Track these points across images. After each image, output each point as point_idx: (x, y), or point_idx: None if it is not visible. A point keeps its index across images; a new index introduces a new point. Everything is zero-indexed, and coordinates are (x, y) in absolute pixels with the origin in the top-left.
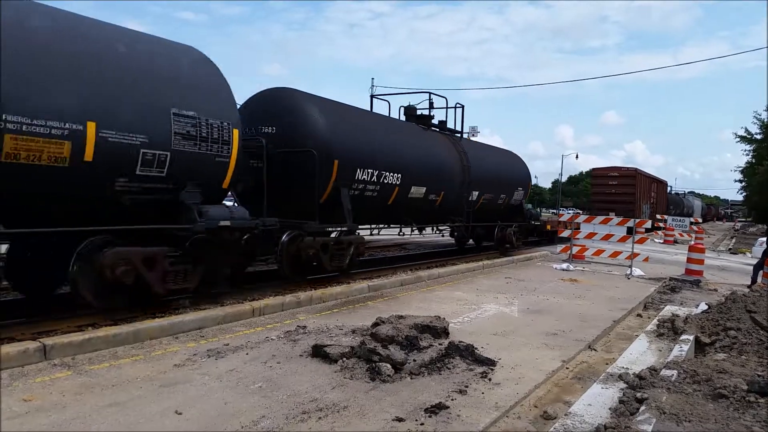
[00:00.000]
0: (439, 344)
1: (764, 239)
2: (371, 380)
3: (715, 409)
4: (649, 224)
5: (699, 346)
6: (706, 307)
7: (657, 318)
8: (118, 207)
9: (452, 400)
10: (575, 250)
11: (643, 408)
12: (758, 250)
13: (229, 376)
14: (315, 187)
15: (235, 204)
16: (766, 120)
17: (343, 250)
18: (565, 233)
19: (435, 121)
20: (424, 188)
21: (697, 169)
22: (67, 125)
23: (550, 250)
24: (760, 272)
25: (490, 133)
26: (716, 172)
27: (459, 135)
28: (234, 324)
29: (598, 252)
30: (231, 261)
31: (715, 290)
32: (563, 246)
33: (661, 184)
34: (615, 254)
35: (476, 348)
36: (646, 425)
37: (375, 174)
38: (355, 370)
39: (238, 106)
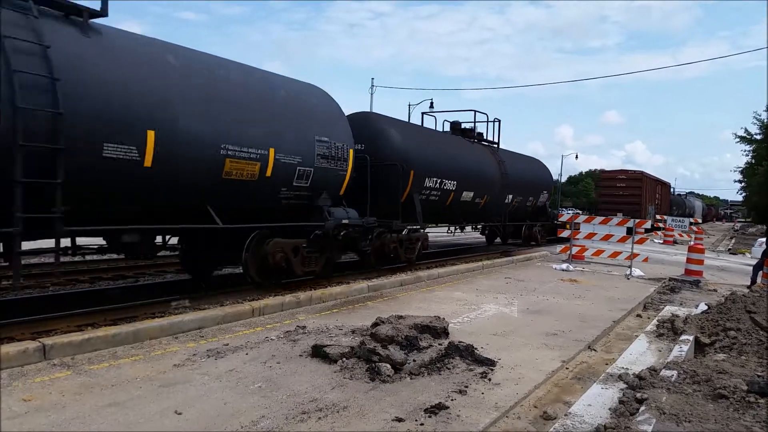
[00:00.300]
0: (439, 344)
1: (764, 240)
2: (371, 380)
3: (715, 410)
4: (648, 224)
5: (699, 347)
6: (705, 307)
7: (657, 318)
8: (278, 209)
9: (452, 400)
10: (575, 250)
11: (642, 408)
12: (758, 251)
13: (229, 376)
14: (398, 193)
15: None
16: (765, 120)
17: (413, 244)
18: (565, 233)
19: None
20: (472, 193)
21: (697, 169)
22: (258, 151)
23: (549, 251)
24: (760, 272)
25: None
26: (716, 172)
27: (496, 146)
28: (234, 324)
29: (598, 252)
30: (339, 251)
31: (715, 290)
32: (563, 246)
33: (665, 186)
34: (615, 254)
35: (476, 348)
36: (646, 425)
37: (438, 181)
38: (355, 370)
39: None
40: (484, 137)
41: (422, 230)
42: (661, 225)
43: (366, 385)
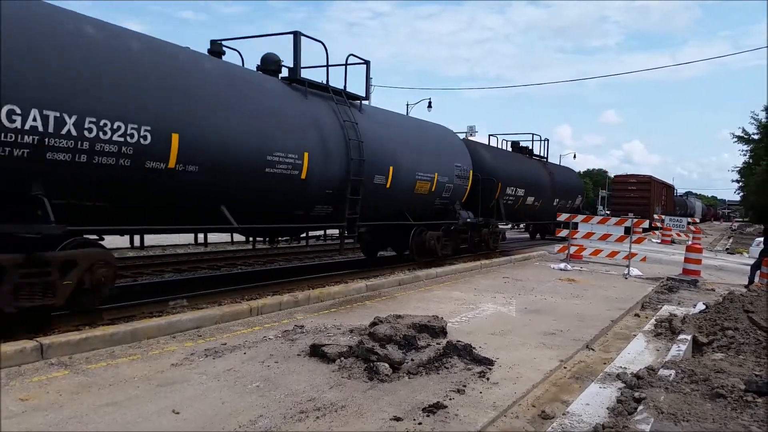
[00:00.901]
0: (437, 344)
1: (761, 239)
2: (369, 380)
3: (713, 409)
4: (646, 224)
5: (697, 346)
6: (703, 306)
7: (655, 318)
8: (431, 212)
9: (450, 399)
10: (573, 249)
11: (641, 407)
12: (755, 250)
13: (227, 375)
14: (491, 199)
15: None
16: (763, 120)
17: (497, 236)
18: (563, 233)
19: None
20: (533, 197)
21: (695, 169)
22: (430, 175)
23: (547, 250)
24: (758, 272)
25: (490, 132)
26: (714, 172)
27: (545, 159)
28: (231, 323)
29: (596, 252)
30: (461, 240)
31: (713, 290)
32: (561, 246)
33: (670, 188)
34: (613, 254)
35: (474, 347)
36: (644, 425)
37: (514, 190)
38: (353, 369)
39: None
40: (535, 153)
41: (502, 226)
42: (658, 225)
43: (364, 385)
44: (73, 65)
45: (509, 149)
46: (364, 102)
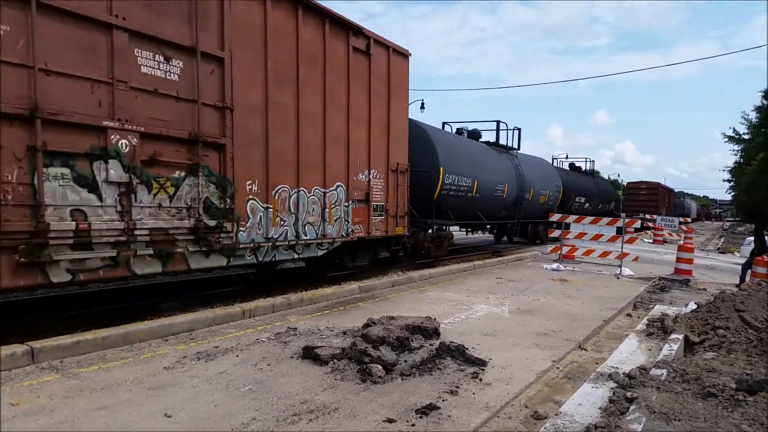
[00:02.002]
0: (430, 345)
1: (752, 238)
2: (362, 381)
3: (705, 408)
4: (638, 224)
5: (688, 345)
6: (695, 306)
7: (647, 317)
8: (539, 214)
9: (443, 400)
10: (565, 250)
11: (633, 407)
12: (746, 250)
13: (219, 378)
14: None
15: None
16: (753, 120)
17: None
18: (556, 233)
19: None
20: (586, 202)
21: (687, 169)
22: (547, 192)
23: (540, 251)
24: (749, 271)
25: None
26: (705, 171)
27: (594, 173)
28: (224, 326)
29: (588, 252)
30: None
31: (704, 289)
32: (553, 246)
33: (671, 191)
34: (605, 254)
35: (467, 348)
36: (636, 424)
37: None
38: (346, 371)
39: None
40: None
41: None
42: (650, 225)
43: (357, 386)
44: (452, 153)
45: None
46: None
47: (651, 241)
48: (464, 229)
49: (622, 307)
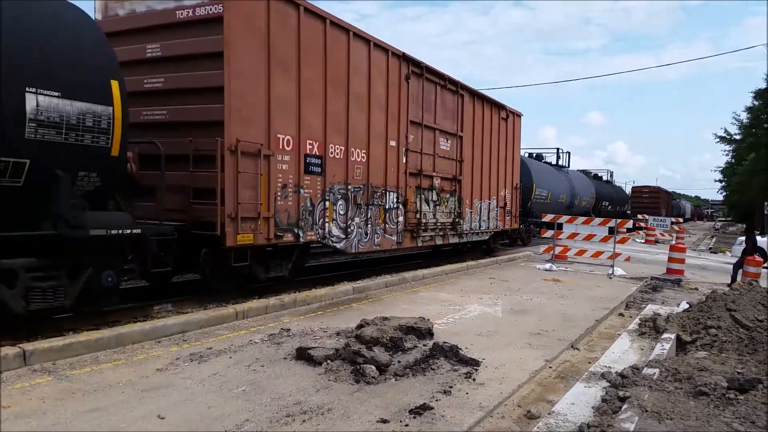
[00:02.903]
0: (424, 345)
1: (743, 238)
2: (356, 382)
3: (696, 407)
4: (630, 224)
5: (680, 345)
6: (687, 305)
7: (639, 317)
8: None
9: (437, 400)
10: (558, 250)
11: (625, 406)
12: (738, 249)
13: (212, 380)
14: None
15: None
16: (744, 121)
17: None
18: (548, 233)
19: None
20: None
21: (679, 169)
22: (586, 198)
23: (533, 251)
24: (740, 271)
25: None
26: (697, 172)
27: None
28: (217, 327)
29: (581, 252)
30: None
31: (696, 289)
32: (546, 246)
33: (669, 194)
34: (597, 254)
35: (460, 348)
36: (629, 423)
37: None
38: (340, 372)
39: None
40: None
41: None
42: (642, 225)
43: (351, 387)
44: (538, 174)
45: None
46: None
47: (643, 241)
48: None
49: (614, 307)
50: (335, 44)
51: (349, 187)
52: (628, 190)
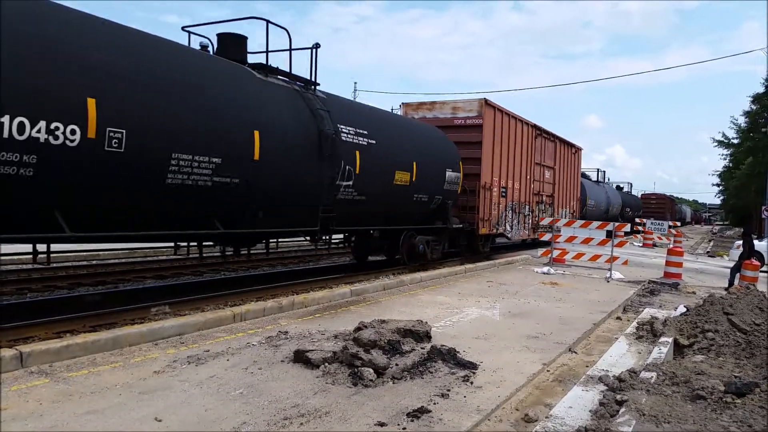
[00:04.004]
0: (422, 348)
1: (741, 242)
2: (353, 385)
3: (694, 410)
4: (628, 227)
5: (678, 348)
6: (684, 309)
7: (636, 321)
8: None
9: (434, 404)
10: (556, 253)
11: (623, 410)
12: (735, 253)
13: (210, 382)
14: None
15: None
16: (742, 125)
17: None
18: (546, 237)
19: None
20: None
21: (676, 173)
22: (615, 206)
23: (531, 254)
24: (737, 275)
25: None
26: (695, 175)
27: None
28: (215, 330)
29: (578, 255)
30: None
31: (694, 293)
32: (544, 249)
33: (673, 200)
34: (595, 257)
35: (458, 352)
36: (626, 427)
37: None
38: (338, 375)
39: None
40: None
41: None
42: (640, 228)
43: (348, 390)
44: (585, 188)
45: None
46: None
47: (641, 244)
48: None
49: (612, 311)
50: (511, 127)
51: (513, 203)
52: None
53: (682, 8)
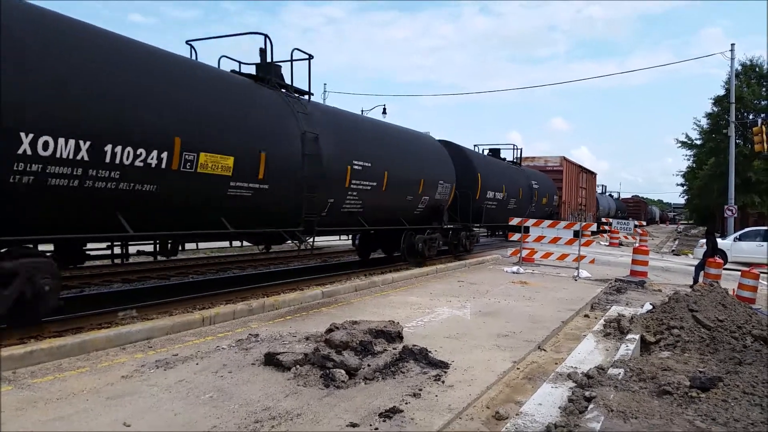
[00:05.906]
0: (394, 349)
1: (705, 240)
2: (325, 387)
3: (660, 406)
4: (594, 227)
5: (644, 345)
6: (650, 306)
7: (604, 318)
8: None
9: (406, 403)
10: (525, 253)
11: (591, 406)
12: (700, 251)
13: (179, 386)
14: None
15: None
16: (705, 126)
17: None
18: (515, 237)
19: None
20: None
21: (641, 174)
22: (607, 212)
23: (500, 254)
24: (701, 272)
25: (442, 137)
26: (659, 176)
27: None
28: (183, 334)
29: (547, 255)
30: None
31: (659, 290)
32: (513, 249)
33: (645, 203)
34: (563, 257)
35: (430, 351)
36: (595, 423)
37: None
38: (309, 377)
39: None
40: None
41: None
42: (606, 228)
43: (320, 392)
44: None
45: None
46: None
47: (607, 243)
48: None
49: (579, 309)
50: (574, 171)
51: (572, 210)
52: None
53: (647, 14)
